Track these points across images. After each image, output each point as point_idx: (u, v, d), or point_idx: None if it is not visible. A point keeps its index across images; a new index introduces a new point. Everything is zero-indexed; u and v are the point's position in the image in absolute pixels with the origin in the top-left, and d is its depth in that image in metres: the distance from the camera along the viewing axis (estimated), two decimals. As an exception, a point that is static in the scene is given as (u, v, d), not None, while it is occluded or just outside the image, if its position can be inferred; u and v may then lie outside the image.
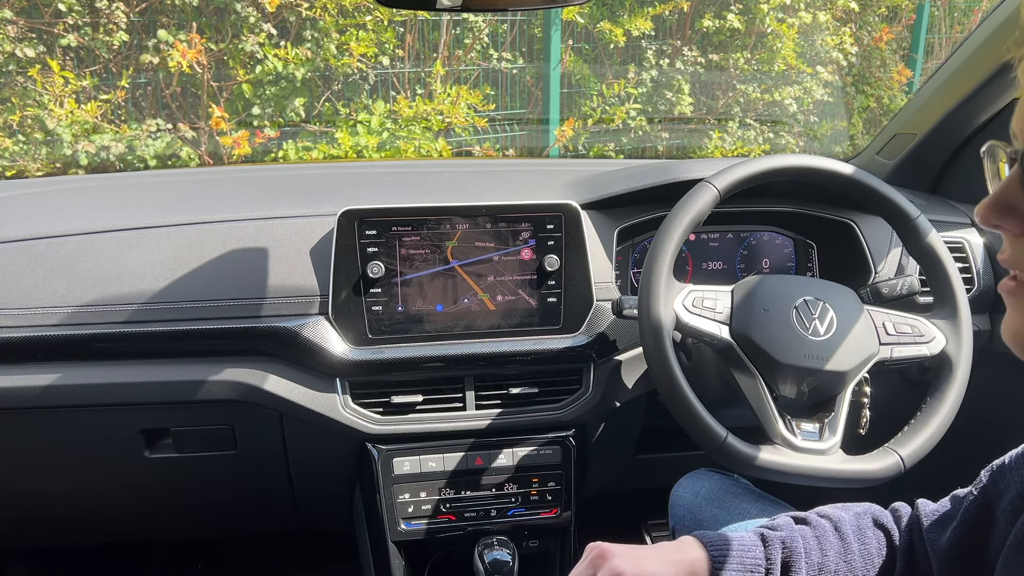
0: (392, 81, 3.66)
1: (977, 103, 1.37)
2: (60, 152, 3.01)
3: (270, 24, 3.33)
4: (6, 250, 1.17)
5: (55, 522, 1.38)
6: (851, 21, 4.61)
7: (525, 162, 2.24)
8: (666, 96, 4.15)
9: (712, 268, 1.45)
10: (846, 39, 4.47)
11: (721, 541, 0.82)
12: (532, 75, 3.95)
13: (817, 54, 4.46)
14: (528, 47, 3.97)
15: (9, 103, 3.06)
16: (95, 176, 1.91)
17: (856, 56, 4.57)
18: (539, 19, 3.89)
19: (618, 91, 4.00)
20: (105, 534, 1.49)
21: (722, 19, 4.15)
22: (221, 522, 1.49)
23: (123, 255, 1.17)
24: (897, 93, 4.65)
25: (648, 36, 4.06)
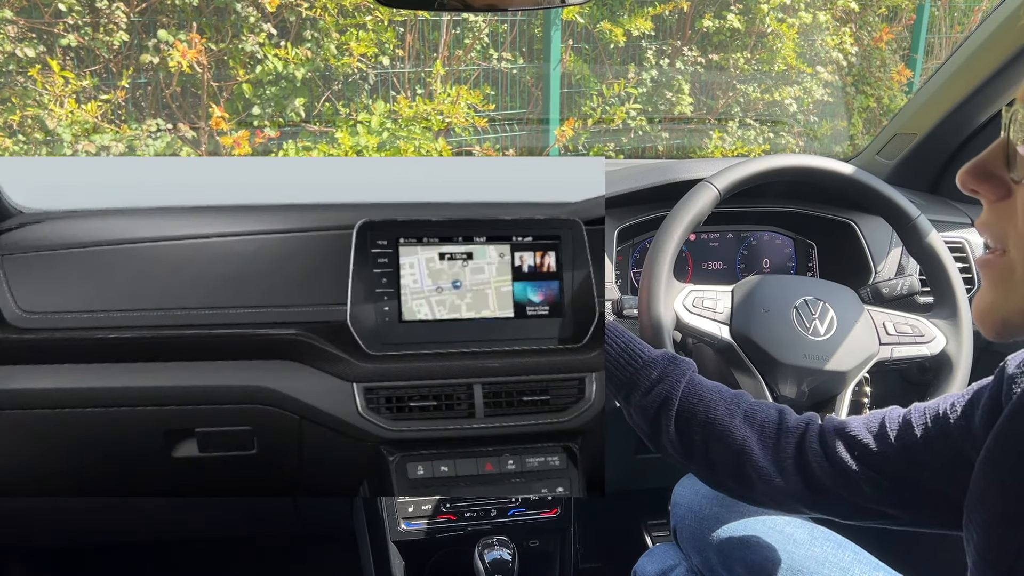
0: (392, 81, 3.66)
1: (977, 103, 1.37)
2: (60, 152, 3.01)
3: (270, 24, 3.33)
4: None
5: (66, 521, 1.39)
6: (851, 21, 4.61)
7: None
8: (666, 96, 4.15)
9: (712, 268, 1.45)
10: (846, 39, 4.47)
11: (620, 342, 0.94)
12: (532, 75, 3.96)
13: (817, 54, 4.46)
14: (528, 47, 3.97)
15: (9, 103, 3.06)
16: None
17: (856, 56, 4.57)
18: (539, 19, 3.89)
19: (618, 91, 4.00)
20: (112, 534, 1.49)
21: (722, 19, 4.15)
22: (223, 522, 1.50)
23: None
24: (897, 93, 4.65)
25: (648, 36, 4.05)
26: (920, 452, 0.79)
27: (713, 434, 0.88)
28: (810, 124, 4.48)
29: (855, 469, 0.83)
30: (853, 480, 0.83)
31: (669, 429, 0.90)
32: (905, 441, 0.80)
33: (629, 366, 0.93)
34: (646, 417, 0.92)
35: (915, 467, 0.79)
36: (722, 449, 0.88)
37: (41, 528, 1.43)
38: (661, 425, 0.90)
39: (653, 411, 0.91)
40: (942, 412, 0.78)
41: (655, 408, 0.91)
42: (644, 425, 0.93)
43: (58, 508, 1.36)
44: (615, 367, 0.93)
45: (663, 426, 0.90)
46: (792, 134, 4.42)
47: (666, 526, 1.20)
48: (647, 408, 0.91)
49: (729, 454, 0.87)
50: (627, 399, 0.94)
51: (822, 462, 0.85)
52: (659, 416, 0.91)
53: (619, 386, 0.94)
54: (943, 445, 0.77)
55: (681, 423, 0.90)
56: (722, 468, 0.89)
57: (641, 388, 0.92)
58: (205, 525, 1.52)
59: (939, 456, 0.77)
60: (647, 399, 0.91)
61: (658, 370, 0.92)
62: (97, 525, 1.44)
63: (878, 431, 0.83)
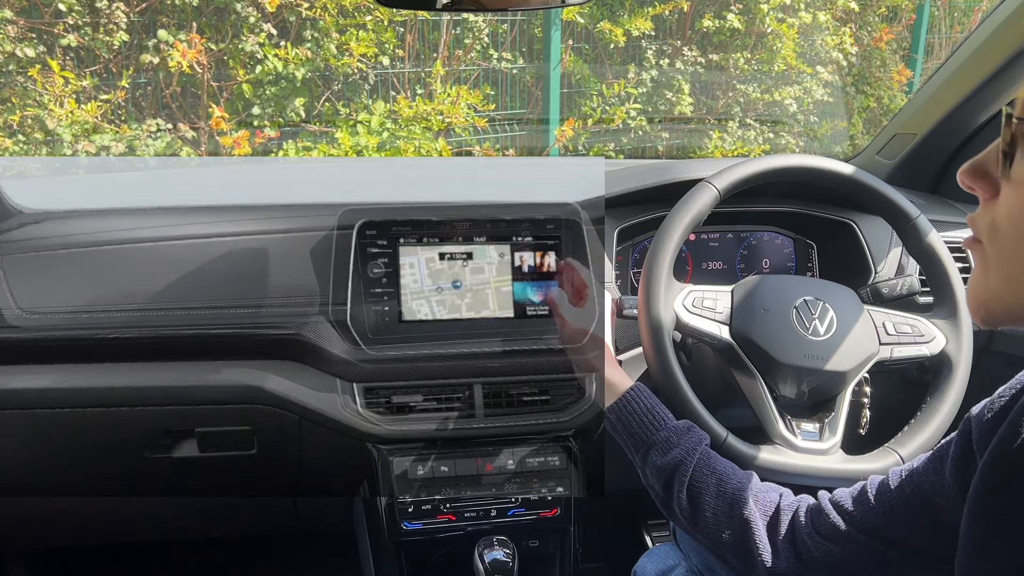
0: (392, 81, 3.66)
1: (977, 103, 1.37)
2: (60, 152, 3.01)
3: (270, 24, 3.33)
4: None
5: (64, 522, 1.39)
6: (851, 21, 4.62)
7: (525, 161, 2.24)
8: (666, 96, 4.15)
9: (712, 268, 1.45)
10: (846, 39, 4.47)
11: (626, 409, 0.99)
12: (532, 75, 3.96)
13: (817, 54, 4.46)
14: (528, 47, 3.97)
15: (9, 103, 3.06)
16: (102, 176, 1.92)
17: (856, 56, 4.57)
18: (539, 19, 3.89)
19: (618, 91, 4.00)
20: (113, 534, 1.49)
21: (722, 19, 4.16)
22: (223, 522, 1.50)
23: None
24: (897, 93, 4.65)
25: (648, 36, 4.06)
26: (899, 511, 0.80)
27: (722, 506, 0.91)
28: (810, 124, 4.48)
29: (842, 534, 0.85)
30: (841, 548, 0.85)
31: (681, 496, 0.93)
32: (885, 502, 0.82)
33: (651, 426, 0.98)
34: (660, 479, 0.95)
35: (896, 526, 0.81)
36: (729, 522, 0.91)
37: (41, 528, 1.43)
38: (673, 491, 0.94)
39: (667, 474, 0.95)
40: (915, 469, 0.81)
41: (669, 471, 0.94)
42: (658, 488, 0.96)
43: (58, 508, 1.36)
44: (638, 425, 0.99)
45: (675, 492, 0.94)
46: (792, 134, 4.42)
47: (666, 526, 1.20)
48: (662, 470, 0.95)
49: (735, 528, 0.90)
50: (644, 459, 0.98)
51: (812, 534, 0.87)
52: (672, 481, 0.94)
53: (638, 445, 0.98)
54: (917, 502, 0.79)
55: (692, 491, 0.93)
56: (727, 541, 0.91)
57: (658, 449, 0.96)
58: (205, 525, 1.52)
59: (913, 512, 0.79)
60: (664, 460, 0.95)
61: (676, 436, 0.97)
62: (97, 525, 1.44)
63: (859, 496, 0.86)
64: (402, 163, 2.29)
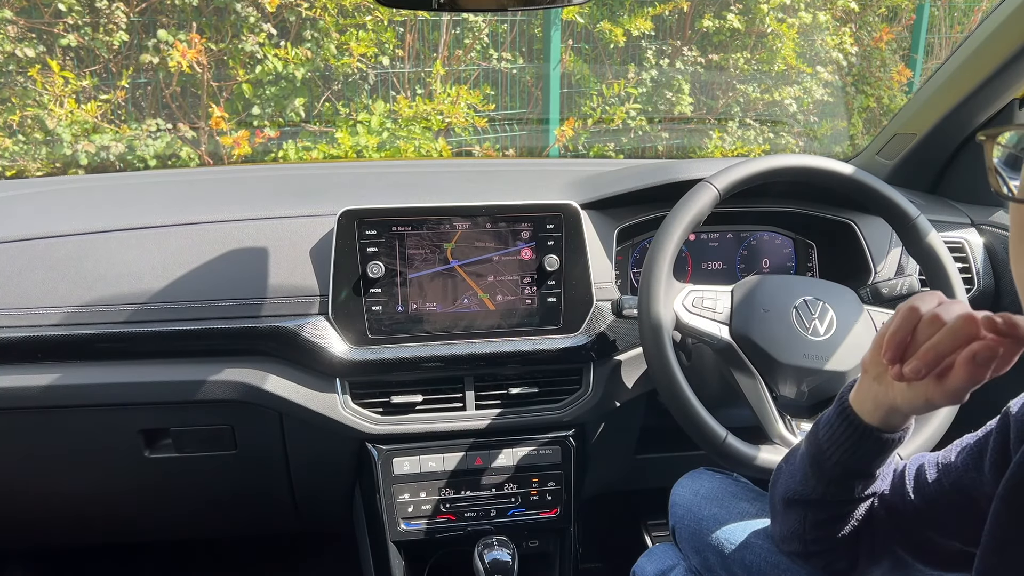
0: (392, 81, 3.66)
1: (977, 103, 1.37)
2: (60, 152, 3.01)
3: (270, 24, 3.33)
4: (5, 250, 1.17)
5: (55, 522, 1.38)
6: (851, 21, 4.61)
7: (525, 162, 2.24)
8: (666, 96, 4.15)
9: (712, 268, 1.45)
10: (846, 39, 4.47)
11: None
12: (532, 75, 3.95)
13: (817, 54, 4.46)
14: (528, 47, 3.97)
15: (9, 103, 3.06)
16: (95, 176, 1.91)
17: (856, 56, 4.57)
18: (539, 19, 3.89)
19: (618, 91, 4.00)
20: (105, 534, 1.49)
21: (722, 19, 4.15)
22: (221, 522, 1.50)
23: (123, 255, 1.18)
24: (897, 93, 4.65)
25: (648, 36, 4.06)
26: (942, 505, 0.78)
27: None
28: (810, 124, 4.48)
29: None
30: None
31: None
32: (926, 496, 0.80)
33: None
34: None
35: (938, 520, 0.79)
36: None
37: (41, 529, 1.42)
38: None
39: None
40: (951, 463, 0.78)
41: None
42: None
43: (57, 509, 1.36)
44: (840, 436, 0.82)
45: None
46: (792, 134, 4.42)
47: (665, 526, 1.20)
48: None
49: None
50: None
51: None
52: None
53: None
54: (958, 496, 0.77)
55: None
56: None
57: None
58: (204, 525, 1.52)
59: (955, 507, 0.77)
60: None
61: None
62: (96, 526, 1.44)
63: (896, 487, 0.83)
64: (402, 166, 2.29)
